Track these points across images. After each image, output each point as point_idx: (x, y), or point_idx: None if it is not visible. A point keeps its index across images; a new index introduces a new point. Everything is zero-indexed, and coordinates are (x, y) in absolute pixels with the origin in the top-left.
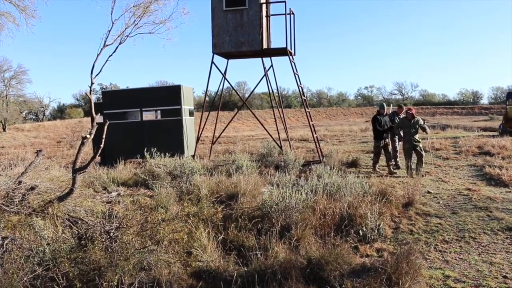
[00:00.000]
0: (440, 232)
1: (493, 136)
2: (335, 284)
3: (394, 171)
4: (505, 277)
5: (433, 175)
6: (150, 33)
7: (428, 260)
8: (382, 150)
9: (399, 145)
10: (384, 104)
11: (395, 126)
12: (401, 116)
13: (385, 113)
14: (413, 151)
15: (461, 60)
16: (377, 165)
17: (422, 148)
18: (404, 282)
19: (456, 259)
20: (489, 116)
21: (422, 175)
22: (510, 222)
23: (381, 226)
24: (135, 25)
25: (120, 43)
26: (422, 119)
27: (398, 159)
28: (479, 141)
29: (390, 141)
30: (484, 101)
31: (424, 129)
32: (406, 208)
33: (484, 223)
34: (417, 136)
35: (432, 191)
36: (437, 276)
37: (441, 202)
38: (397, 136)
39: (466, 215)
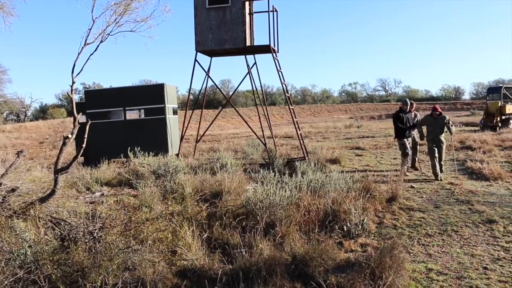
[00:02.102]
0: (423, 226)
1: (475, 131)
2: (319, 280)
3: (409, 171)
4: (485, 268)
5: (417, 170)
6: (131, 31)
7: (411, 254)
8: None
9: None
10: (408, 100)
11: (418, 124)
12: (410, 113)
13: (408, 109)
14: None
15: (443, 56)
16: (406, 166)
17: (444, 150)
18: (387, 276)
19: (438, 252)
20: (470, 112)
21: (439, 180)
22: (490, 215)
23: (365, 221)
24: (116, 23)
25: (102, 41)
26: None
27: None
28: (461, 136)
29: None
30: (466, 96)
31: (449, 128)
32: (389, 203)
33: (466, 216)
34: (442, 136)
35: (415, 186)
36: (420, 270)
37: (424, 196)
38: (410, 137)
39: (449, 208)
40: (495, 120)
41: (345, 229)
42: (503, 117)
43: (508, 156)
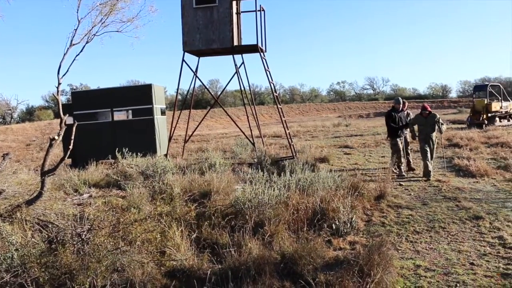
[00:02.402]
0: (411, 223)
1: (462, 128)
2: (308, 278)
3: (403, 173)
4: (472, 264)
5: (405, 168)
6: (117, 31)
7: (399, 251)
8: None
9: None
10: (400, 98)
11: (410, 123)
12: (402, 112)
13: (400, 108)
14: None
15: (430, 55)
16: (402, 166)
17: (435, 150)
18: (375, 273)
19: (426, 249)
20: (457, 109)
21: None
22: (477, 211)
23: (353, 219)
24: (102, 23)
25: (87, 42)
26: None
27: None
28: (448, 134)
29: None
30: (453, 94)
31: (439, 127)
32: (378, 201)
33: (453, 213)
34: (434, 134)
35: (403, 184)
36: (408, 266)
37: (412, 194)
38: (403, 136)
39: (436, 205)
40: (481, 118)
41: (334, 227)
42: (489, 115)
43: (494, 153)
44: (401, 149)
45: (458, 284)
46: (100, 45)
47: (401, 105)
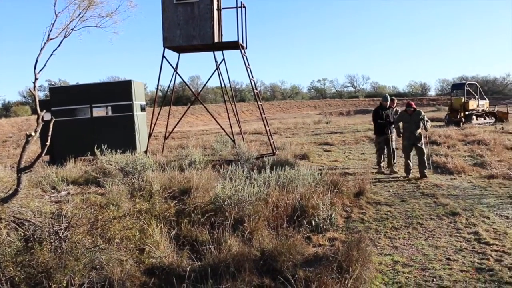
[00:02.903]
0: (390, 220)
1: (440, 126)
2: (287, 275)
3: (395, 171)
4: (448, 259)
5: (384, 165)
6: (96, 26)
7: (378, 247)
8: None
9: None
10: (388, 95)
11: (395, 120)
12: (391, 110)
13: (388, 105)
14: (413, 149)
15: (410, 53)
16: (382, 164)
17: (424, 145)
18: (354, 269)
19: (404, 245)
20: (436, 107)
21: (426, 176)
22: (454, 207)
23: (333, 216)
24: (80, 18)
25: (65, 36)
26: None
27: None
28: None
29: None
30: (432, 92)
31: (424, 125)
32: (357, 197)
33: (430, 209)
34: (418, 131)
35: (382, 180)
36: (386, 262)
37: (391, 190)
38: (391, 134)
39: (414, 202)
40: (459, 116)
41: (313, 224)
42: (467, 113)
43: (470, 151)
44: (385, 147)
45: (434, 279)
46: (79, 40)
47: (388, 102)
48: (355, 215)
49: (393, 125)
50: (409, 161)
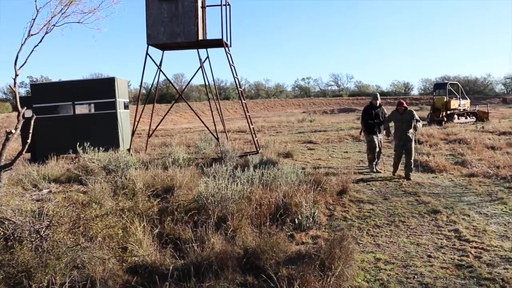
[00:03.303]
0: (372, 218)
1: (423, 125)
2: (270, 273)
3: (380, 170)
4: (429, 256)
5: (366, 163)
6: (78, 22)
7: (360, 245)
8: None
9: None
10: (378, 94)
11: (385, 120)
12: (381, 108)
13: (378, 104)
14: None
15: (393, 53)
16: (374, 163)
17: (413, 148)
18: (336, 266)
19: (386, 242)
20: (419, 107)
21: (410, 179)
22: (435, 205)
23: (316, 214)
24: (62, 13)
25: (47, 32)
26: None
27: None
28: None
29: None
30: (415, 92)
31: (414, 125)
32: (340, 195)
33: (412, 207)
34: (410, 131)
35: (365, 179)
36: (368, 260)
37: (373, 189)
38: (381, 134)
39: (397, 200)
40: (441, 115)
41: (297, 222)
42: (448, 112)
43: (452, 149)
44: (377, 146)
45: (416, 276)
46: (61, 36)
47: (378, 101)
48: (338, 213)
49: (383, 125)
50: (397, 161)
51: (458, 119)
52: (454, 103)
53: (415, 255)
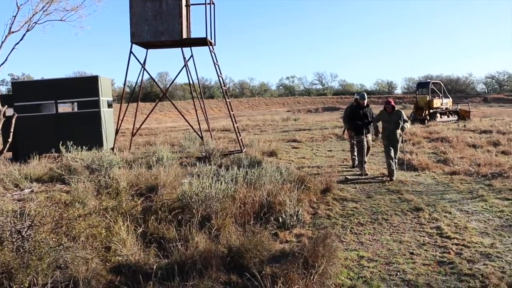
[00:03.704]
0: (356, 216)
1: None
2: (254, 271)
3: (367, 172)
4: (412, 253)
5: (350, 162)
6: (61, 20)
7: (344, 243)
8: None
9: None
10: (365, 94)
11: (374, 119)
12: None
13: (365, 104)
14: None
15: (377, 52)
16: (365, 164)
17: (399, 148)
18: (320, 264)
19: (370, 240)
20: (402, 105)
21: (393, 179)
22: (418, 203)
23: (300, 212)
24: (44, 11)
25: (28, 30)
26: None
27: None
28: None
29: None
30: (398, 91)
31: (402, 126)
32: (324, 194)
33: (395, 205)
34: (398, 132)
35: (349, 177)
36: (352, 257)
37: (357, 187)
38: (370, 134)
39: (380, 198)
40: (423, 114)
41: (281, 221)
42: (431, 111)
43: (434, 148)
44: (365, 147)
45: (398, 273)
46: (43, 34)
47: (366, 101)
48: (322, 212)
49: (372, 125)
50: (391, 161)
51: (441, 117)
52: (436, 102)
53: (397, 253)
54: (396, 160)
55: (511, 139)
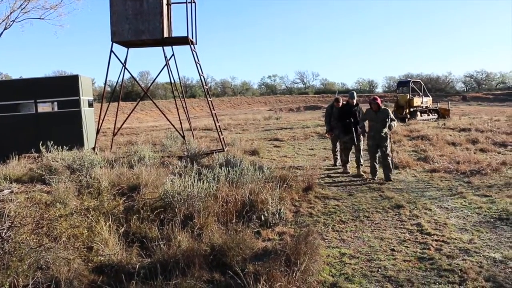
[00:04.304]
0: (338, 213)
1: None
2: (237, 269)
3: (361, 173)
4: (393, 250)
5: (332, 160)
6: (40, 18)
7: (326, 240)
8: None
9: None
10: (354, 93)
11: (360, 118)
12: (358, 107)
13: (355, 103)
14: (378, 150)
15: (358, 51)
16: (348, 165)
17: (389, 148)
18: (302, 261)
19: (351, 238)
20: (383, 104)
21: (391, 179)
22: (398, 200)
23: (282, 210)
24: (22, 9)
25: (6, 28)
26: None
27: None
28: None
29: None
30: (379, 89)
31: (389, 125)
32: (306, 192)
33: (377, 203)
34: (384, 131)
35: (331, 175)
36: (334, 254)
37: (339, 185)
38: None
39: (361, 196)
40: (404, 112)
41: (263, 219)
42: (411, 109)
43: (415, 146)
44: (351, 148)
45: (380, 270)
46: (21, 33)
47: (355, 100)
48: (304, 210)
49: (359, 124)
50: (375, 163)
51: (421, 116)
52: (417, 101)
53: (379, 249)
54: (390, 161)
55: (489, 137)
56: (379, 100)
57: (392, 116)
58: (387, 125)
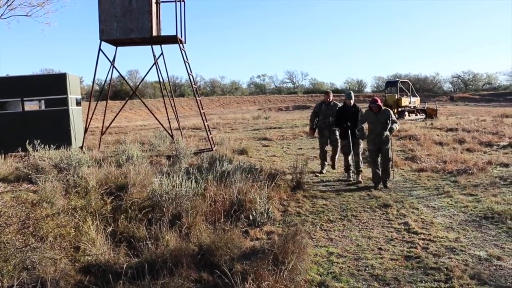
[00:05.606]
0: (326, 213)
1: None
2: (225, 269)
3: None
4: (380, 249)
5: (319, 160)
6: (26, 15)
7: (314, 239)
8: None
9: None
10: (351, 92)
11: (359, 120)
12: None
13: (352, 103)
14: (379, 154)
15: (347, 50)
16: (350, 171)
17: (390, 150)
18: (290, 260)
19: (339, 237)
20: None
21: (387, 186)
22: (386, 200)
23: (270, 209)
24: (8, 5)
25: None
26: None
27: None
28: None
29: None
30: (368, 89)
31: (390, 127)
32: (294, 191)
33: (364, 202)
34: (385, 134)
35: (319, 175)
36: (321, 253)
37: (327, 184)
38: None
39: (349, 195)
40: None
41: (251, 218)
42: (400, 109)
43: (403, 145)
44: (351, 151)
45: (367, 268)
46: (8, 30)
47: (353, 100)
48: (292, 209)
49: (357, 126)
50: (377, 170)
51: (409, 116)
52: (405, 101)
53: (366, 248)
54: (390, 166)
55: (475, 137)
56: (379, 101)
57: (394, 117)
58: (388, 128)
